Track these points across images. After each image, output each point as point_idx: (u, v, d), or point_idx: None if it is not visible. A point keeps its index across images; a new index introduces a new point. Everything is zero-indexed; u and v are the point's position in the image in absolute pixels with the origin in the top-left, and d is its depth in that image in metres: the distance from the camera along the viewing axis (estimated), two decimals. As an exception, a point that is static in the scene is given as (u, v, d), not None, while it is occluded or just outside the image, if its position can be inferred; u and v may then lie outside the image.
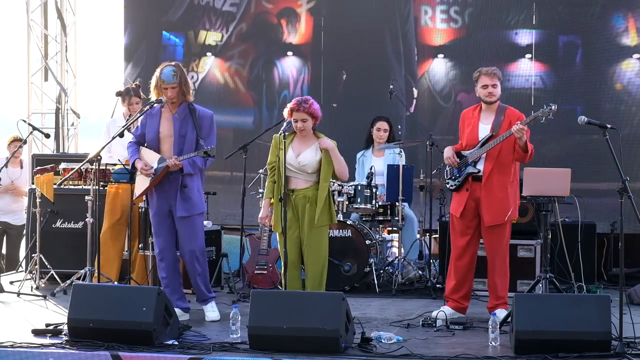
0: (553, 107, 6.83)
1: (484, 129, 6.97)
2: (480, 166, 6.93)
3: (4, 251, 10.00)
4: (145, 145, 7.00)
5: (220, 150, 9.42)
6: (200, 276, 7.03)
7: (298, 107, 6.70)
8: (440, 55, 9.46)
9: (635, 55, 9.24)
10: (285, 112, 6.85)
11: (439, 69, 9.71)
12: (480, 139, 6.94)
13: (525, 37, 9.49)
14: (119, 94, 8.44)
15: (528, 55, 9.40)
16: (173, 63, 6.98)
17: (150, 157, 6.91)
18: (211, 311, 7.06)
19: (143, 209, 7.98)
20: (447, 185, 7.12)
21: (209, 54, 10.21)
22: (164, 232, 7.02)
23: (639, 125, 9.17)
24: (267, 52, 10.15)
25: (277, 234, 6.96)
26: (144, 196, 7.20)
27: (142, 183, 7.03)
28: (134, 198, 7.44)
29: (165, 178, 6.90)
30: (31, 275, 8.59)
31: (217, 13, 10.20)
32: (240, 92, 10.19)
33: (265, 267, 8.20)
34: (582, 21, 9.37)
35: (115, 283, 7.97)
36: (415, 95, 9.32)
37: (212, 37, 10.22)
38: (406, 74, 9.65)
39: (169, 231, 7.02)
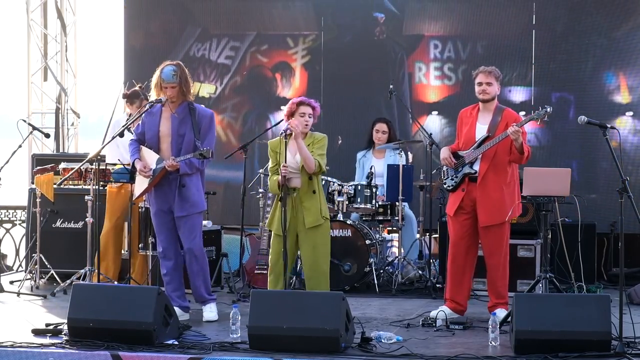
0: (548, 109, 6.85)
1: (482, 129, 6.97)
2: (477, 167, 6.93)
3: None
4: (145, 144, 7.01)
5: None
6: (198, 276, 7.02)
7: (304, 101, 6.91)
8: (435, 112, 9.33)
9: (629, 113, 9.24)
10: (285, 112, 6.97)
11: (433, 125, 9.61)
12: (477, 139, 6.95)
13: (518, 94, 9.50)
14: (125, 96, 8.42)
15: (522, 112, 9.35)
16: (174, 62, 6.99)
17: (150, 158, 6.93)
18: (209, 311, 7.05)
19: (143, 209, 7.99)
20: (444, 186, 7.13)
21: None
22: (165, 230, 7.02)
23: (635, 184, 9.02)
24: (261, 106, 10.03)
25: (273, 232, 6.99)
26: (144, 196, 7.21)
27: (141, 183, 7.05)
28: (133, 198, 7.44)
29: (164, 178, 6.91)
30: (31, 275, 8.59)
31: (212, 65, 10.14)
32: (232, 146, 9.92)
33: (265, 267, 8.18)
34: (574, 78, 9.36)
35: (115, 283, 7.98)
36: (411, 160, 9.18)
37: (205, 89, 10.15)
38: (400, 138, 9.61)
39: (170, 230, 7.02)
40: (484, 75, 6.96)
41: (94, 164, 7.25)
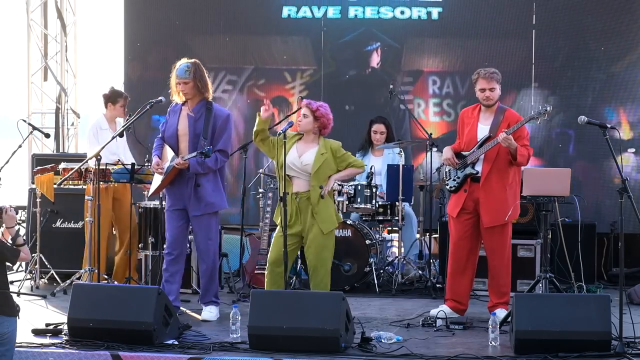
0: (548, 108, 6.86)
1: (483, 129, 6.97)
2: (479, 167, 6.93)
3: None
4: (166, 142, 7.03)
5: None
6: (207, 277, 7.03)
7: (306, 104, 6.93)
8: (434, 149, 9.28)
9: (630, 149, 9.20)
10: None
11: (433, 162, 9.45)
12: (479, 140, 6.95)
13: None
14: (105, 96, 8.45)
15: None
16: (192, 60, 6.98)
17: (169, 156, 6.98)
18: (208, 312, 7.05)
19: (142, 210, 7.99)
20: (447, 186, 7.13)
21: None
22: (174, 229, 7.02)
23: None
24: None
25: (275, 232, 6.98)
26: (159, 192, 7.21)
27: (157, 180, 7.07)
28: (148, 195, 7.47)
29: (180, 177, 6.91)
30: (31, 275, 8.59)
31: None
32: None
33: (265, 266, 8.19)
34: (574, 114, 9.16)
35: (115, 282, 7.98)
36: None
37: None
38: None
39: (179, 229, 7.02)
40: (485, 81, 6.94)
41: (94, 163, 7.25)
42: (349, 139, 8.85)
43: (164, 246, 7.17)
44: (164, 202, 7.49)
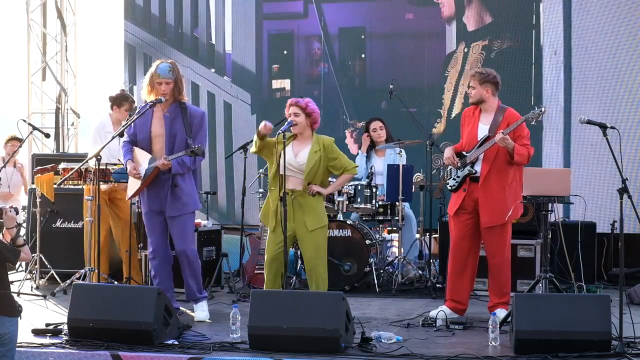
0: (543, 109, 6.86)
1: (483, 129, 6.97)
2: (478, 167, 6.92)
3: None
4: (138, 145, 7.00)
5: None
6: (190, 276, 7.02)
7: (294, 103, 6.88)
8: None
9: None
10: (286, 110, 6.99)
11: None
12: (479, 139, 6.95)
13: None
14: (112, 99, 8.38)
15: None
16: (170, 61, 6.98)
17: (143, 158, 6.91)
18: (200, 311, 7.04)
19: (141, 210, 7.99)
20: (447, 186, 7.13)
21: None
22: (156, 231, 7.02)
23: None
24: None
25: (269, 230, 6.96)
26: (137, 196, 7.20)
27: (134, 183, 7.04)
28: (126, 198, 7.45)
29: (157, 178, 6.90)
30: (31, 275, 8.59)
31: None
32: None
33: (265, 267, 8.20)
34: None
35: (115, 283, 7.98)
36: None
37: None
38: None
39: (160, 230, 7.02)
40: (469, 79, 6.97)
41: (94, 163, 7.24)
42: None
43: (149, 251, 7.13)
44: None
